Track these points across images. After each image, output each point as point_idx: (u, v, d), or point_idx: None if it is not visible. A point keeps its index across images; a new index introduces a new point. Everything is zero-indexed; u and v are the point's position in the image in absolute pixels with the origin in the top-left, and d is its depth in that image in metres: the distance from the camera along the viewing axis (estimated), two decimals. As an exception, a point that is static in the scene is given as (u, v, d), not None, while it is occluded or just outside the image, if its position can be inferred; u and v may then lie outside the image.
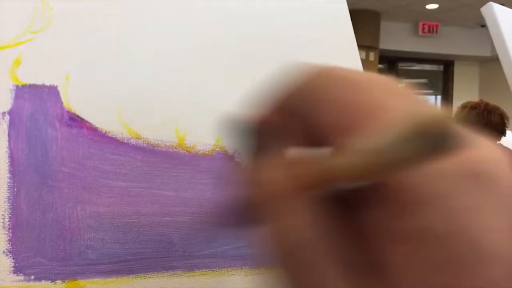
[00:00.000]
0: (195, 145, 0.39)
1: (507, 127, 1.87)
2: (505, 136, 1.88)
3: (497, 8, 0.86)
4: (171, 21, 0.41)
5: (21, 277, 0.30)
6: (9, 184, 0.32)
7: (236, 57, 0.44)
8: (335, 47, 0.53)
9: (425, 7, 5.43)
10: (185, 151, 0.38)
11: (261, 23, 0.47)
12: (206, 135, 0.40)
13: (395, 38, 5.93)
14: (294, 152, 0.15)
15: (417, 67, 6.97)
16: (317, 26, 0.52)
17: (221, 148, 0.40)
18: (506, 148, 1.90)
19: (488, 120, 1.82)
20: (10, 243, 0.30)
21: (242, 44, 0.45)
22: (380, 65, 5.93)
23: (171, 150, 0.38)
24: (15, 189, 0.32)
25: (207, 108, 0.40)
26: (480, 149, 0.12)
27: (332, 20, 0.53)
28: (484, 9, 0.87)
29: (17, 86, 0.34)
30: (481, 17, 0.90)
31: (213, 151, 0.40)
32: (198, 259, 0.36)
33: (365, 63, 5.09)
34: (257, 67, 0.45)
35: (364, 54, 5.29)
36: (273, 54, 0.47)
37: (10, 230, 0.31)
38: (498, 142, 1.89)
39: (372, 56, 5.49)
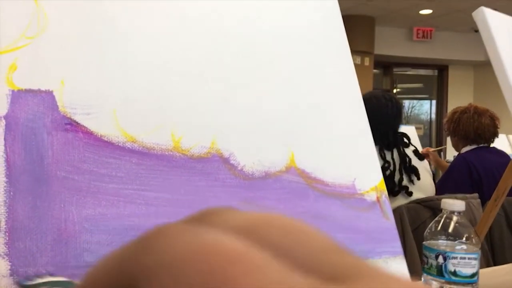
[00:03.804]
0: (191, 148, 0.39)
1: (498, 128, 1.88)
2: (497, 137, 1.90)
3: (489, 12, 0.87)
4: (167, 26, 0.42)
5: (17, 280, 0.31)
6: (5, 188, 0.32)
7: (230, 61, 0.44)
8: (328, 51, 0.53)
9: (419, 13, 5.47)
10: (180, 154, 0.38)
11: (255, 28, 0.47)
12: (202, 138, 0.40)
13: (390, 43, 5.97)
14: None
15: (412, 71, 7.00)
16: (310, 31, 0.52)
17: (217, 151, 0.40)
18: (500, 151, 1.92)
19: (479, 123, 1.84)
20: (7, 246, 0.31)
21: (236, 48, 0.45)
22: (375, 70, 5.97)
23: (166, 153, 0.38)
24: (11, 193, 0.32)
25: (203, 111, 0.41)
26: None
27: (325, 25, 0.54)
28: (475, 14, 0.88)
29: (13, 91, 0.34)
30: (474, 22, 0.90)
31: (209, 154, 0.40)
32: (193, 261, 0.36)
33: (361, 68, 5.12)
34: (252, 70, 0.46)
35: (359, 59, 5.31)
36: (265, 61, 0.47)
37: (7, 233, 0.31)
38: (492, 146, 1.91)
39: (367, 61, 5.51)
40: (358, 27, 5.16)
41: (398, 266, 0.46)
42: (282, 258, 0.10)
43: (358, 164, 0.49)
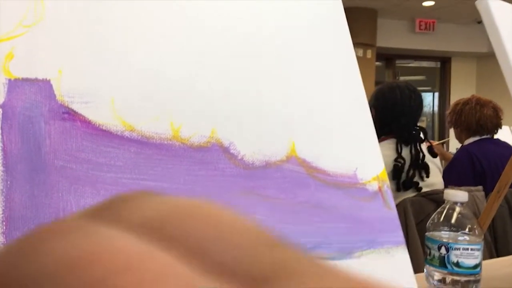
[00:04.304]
0: (190, 137, 0.39)
1: (501, 119, 1.87)
2: (500, 128, 1.89)
3: (492, 2, 0.86)
4: (165, 13, 0.41)
5: None
6: (2, 177, 0.31)
7: (230, 51, 0.44)
8: (330, 43, 0.53)
9: (421, 4, 5.44)
10: (180, 143, 0.38)
11: (255, 20, 0.47)
12: (201, 127, 0.40)
13: (392, 35, 5.94)
14: None
15: (414, 64, 6.98)
16: (312, 23, 0.52)
17: (217, 140, 0.40)
18: (503, 143, 1.91)
19: (481, 113, 1.83)
20: (4, 236, 0.30)
21: (236, 39, 0.45)
22: (377, 63, 5.95)
23: (165, 142, 0.38)
24: (9, 182, 0.31)
25: (202, 100, 0.40)
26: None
27: (327, 17, 0.53)
28: (478, 3, 0.87)
29: (10, 80, 0.34)
30: (477, 14, 0.89)
31: (209, 143, 0.39)
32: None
33: (363, 60, 5.10)
34: (251, 61, 0.45)
35: (361, 51, 5.29)
36: (268, 50, 0.47)
37: (4, 223, 0.31)
38: (495, 137, 1.90)
39: (369, 53, 5.49)
40: (360, 20, 5.13)
41: (401, 256, 0.46)
42: (196, 256, 0.09)
43: (359, 154, 0.49)
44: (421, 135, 1.59)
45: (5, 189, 0.31)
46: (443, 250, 0.65)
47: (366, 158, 0.49)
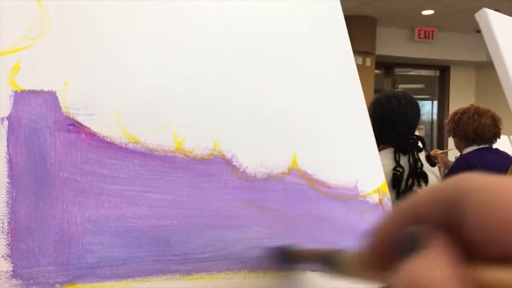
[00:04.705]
0: (193, 149, 0.39)
1: (500, 128, 1.88)
2: (499, 137, 1.89)
3: (491, 13, 0.87)
4: (169, 26, 0.42)
5: (20, 282, 0.30)
6: (7, 189, 0.32)
7: (233, 61, 0.44)
8: (330, 51, 0.53)
9: (421, 13, 5.47)
10: (183, 155, 0.38)
11: (256, 29, 0.47)
12: (205, 139, 0.40)
13: (392, 43, 5.97)
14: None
15: (413, 72, 7.01)
16: (312, 31, 0.52)
17: (219, 152, 0.40)
18: (503, 152, 1.91)
19: (479, 123, 1.83)
20: (9, 248, 0.31)
21: (239, 48, 0.45)
22: (376, 71, 5.97)
23: (169, 154, 0.38)
24: (14, 194, 0.32)
25: (206, 112, 0.41)
26: None
27: (327, 25, 0.54)
28: (478, 15, 0.88)
29: (16, 92, 0.34)
30: (476, 23, 0.90)
31: (211, 155, 0.40)
32: (196, 263, 0.36)
33: (362, 68, 5.12)
34: (254, 72, 0.46)
35: (361, 59, 5.32)
36: (270, 59, 0.47)
37: (9, 235, 0.31)
38: (494, 147, 1.90)
39: (368, 61, 5.51)
40: (360, 28, 5.16)
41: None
42: None
43: (360, 166, 0.49)
44: (419, 144, 1.59)
45: (10, 200, 0.32)
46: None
47: (367, 170, 0.49)
